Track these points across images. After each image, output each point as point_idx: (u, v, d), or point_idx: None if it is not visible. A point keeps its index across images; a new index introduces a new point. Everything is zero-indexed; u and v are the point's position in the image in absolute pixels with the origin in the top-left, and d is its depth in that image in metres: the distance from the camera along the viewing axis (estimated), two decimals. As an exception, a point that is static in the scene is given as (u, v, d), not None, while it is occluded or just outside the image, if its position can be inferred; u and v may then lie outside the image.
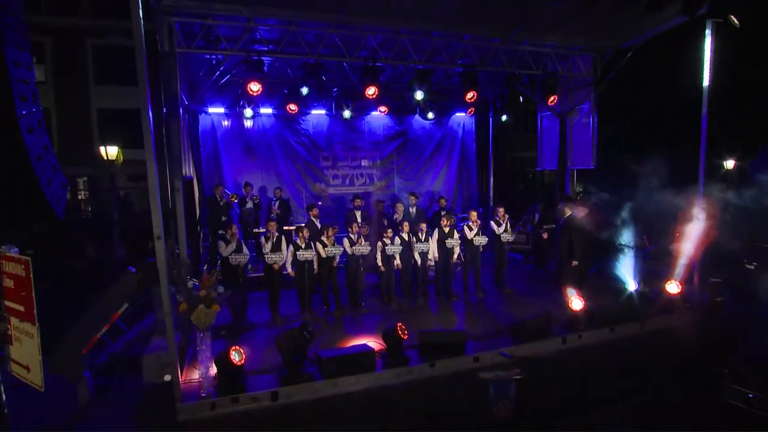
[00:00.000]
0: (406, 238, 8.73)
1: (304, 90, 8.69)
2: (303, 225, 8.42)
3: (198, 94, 10.17)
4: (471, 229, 9.25)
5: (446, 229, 9.06)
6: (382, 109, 10.90)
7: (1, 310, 3.50)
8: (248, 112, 10.26)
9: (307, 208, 9.61)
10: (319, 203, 10.66)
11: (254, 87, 8.08)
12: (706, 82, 7.62)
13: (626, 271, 7.61)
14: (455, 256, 9.22)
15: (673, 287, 7.86)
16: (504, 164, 13.30)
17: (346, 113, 10.87)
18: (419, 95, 9.09)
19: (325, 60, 8.72)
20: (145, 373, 5.95)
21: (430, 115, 10.93)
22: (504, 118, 11.66)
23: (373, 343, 6.51)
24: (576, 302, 7.12)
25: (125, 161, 16.54)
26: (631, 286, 7.56)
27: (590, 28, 8.95)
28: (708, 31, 7.60)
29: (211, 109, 11.42)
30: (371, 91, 8.67)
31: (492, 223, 9.57)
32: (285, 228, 9.77)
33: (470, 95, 9.42)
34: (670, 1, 7.83)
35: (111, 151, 13.70)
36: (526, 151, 21.15)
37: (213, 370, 5.57)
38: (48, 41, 17.80)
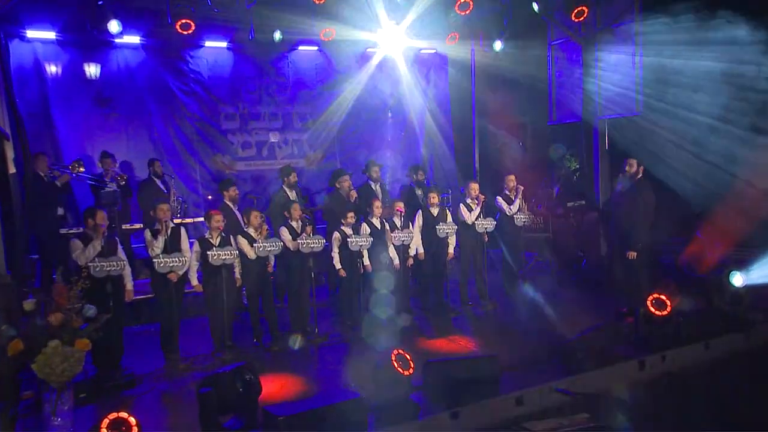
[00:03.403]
0: (378, 226, 8.15)
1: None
2: (215, 211, 7.51)
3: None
4: (470, 209, 8.80)
5: (435, 210, 8.58)
6: (329, 31, 9.75)
7: None
8: (114, 26, 8.65)
9: (221, 187, 8.76)
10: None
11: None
12: None
13: None
14: (451, 249, 8.78)
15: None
16: (496, 123, 12.74)
17: (277, 35, 9.79)
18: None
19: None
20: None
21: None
22: (499, 45, 11.08)
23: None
24: (659, 305, 6.85)
25: None
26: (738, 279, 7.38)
27: None
28: None
29: (32, 33, 9.72)
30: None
31: (498, 200, 9.24)
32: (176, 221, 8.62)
33: (462, 3, 8.74)
34: None
35: None
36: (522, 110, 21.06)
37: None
38: None
